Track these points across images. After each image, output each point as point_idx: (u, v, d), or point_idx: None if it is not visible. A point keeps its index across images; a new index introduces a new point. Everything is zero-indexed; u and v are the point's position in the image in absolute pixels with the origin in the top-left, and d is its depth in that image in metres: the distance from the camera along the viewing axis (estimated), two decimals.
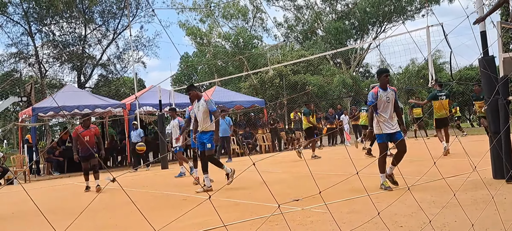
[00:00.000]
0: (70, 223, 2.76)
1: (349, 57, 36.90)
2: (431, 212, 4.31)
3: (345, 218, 4.52)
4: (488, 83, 6.24)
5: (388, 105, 6.10)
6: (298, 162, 11.53)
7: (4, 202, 8.24)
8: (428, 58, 9.06)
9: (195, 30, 36.94)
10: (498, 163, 6.09)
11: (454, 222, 4.02)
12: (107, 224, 5.34)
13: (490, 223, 3.85)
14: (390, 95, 6.13)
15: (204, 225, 4.64)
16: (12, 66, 29.76)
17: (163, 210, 5.97)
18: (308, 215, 4.83)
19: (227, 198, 6.27)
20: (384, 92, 6.14)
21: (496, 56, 6.35)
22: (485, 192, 5.25)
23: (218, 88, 20.87)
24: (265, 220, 4.61)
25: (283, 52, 35.13)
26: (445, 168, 7.45)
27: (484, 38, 6.24)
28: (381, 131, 6.07)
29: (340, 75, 30.86)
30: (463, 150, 4.76)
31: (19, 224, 5.94)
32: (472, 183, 5.82)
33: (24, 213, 6.70)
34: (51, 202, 7.79)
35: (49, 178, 13.74)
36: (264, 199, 5.85)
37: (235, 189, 7.05)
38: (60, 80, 31.14)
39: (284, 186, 7.31)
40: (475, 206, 4.63)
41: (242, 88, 28.94)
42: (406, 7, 36.37)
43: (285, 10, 40.22)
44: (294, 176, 9.01)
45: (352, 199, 5.47)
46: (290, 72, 29.02)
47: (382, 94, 6.11)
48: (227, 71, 33.64)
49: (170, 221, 4.39)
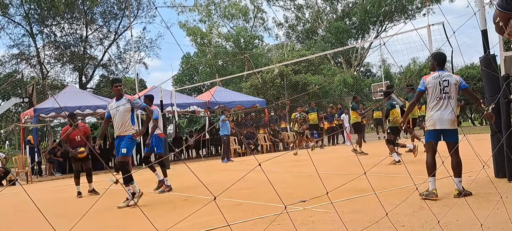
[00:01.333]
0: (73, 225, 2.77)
1: (350, 56, 36.89)
2: (434, 211, 4.31)
3: (347, 217, 4.52)
4: (489, 82, 6.23)
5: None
6: (299, 162, 11.53)
7: (6, 203, 8.26)
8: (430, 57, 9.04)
9: (195, 30, 36.98)
10: (500, 162, 6.09)
11: (456, 221, 4.01)
12: (109, 225, 5.35)
13: (493, 221, 3.84)
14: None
15: (207, 225, 4.64)
16: (14, 68, 29.86)
17: (166, 210, 5.98)
18: (310, 214, 4.83)
19: (230, 198, 6.27)
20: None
21: (498, 55, 6.34)
22: (487, 191, 5.24)
23: (219, 88, 20.88)
24: (271, 221, 4.61)
25: (284, 52, 35.14)
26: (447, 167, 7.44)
27: (486, 37, 6.23)
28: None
29: (341, 75, 30.86)
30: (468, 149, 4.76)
31: (22, 225, 5.95)
32: (475, 182, 5.81)
33: (27, 214, 6.72)
34: (53, 203, 7.80)
35: (51, 178, 13.76)
36: (267, 199, 5.85)
37: (238, 189, 7.05)
38: (61, 81, 31.22)
39: (285, 186, 7.31)
40: (477, 204, 4.63)
41: (243, 88, 28.95)
42: (406, 6, 36.34)
43: (285, 10, 40.24)
44: (295, 175, 9.02)
45: (353, 199, 5.47)
46: (291, 72, 29.03)
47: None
48: (228, 71, 33.66)
49: (172, 221, 4.40)
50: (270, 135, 19.04)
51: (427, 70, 29.64)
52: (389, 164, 8.96)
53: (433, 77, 5.29)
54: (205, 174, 11.13)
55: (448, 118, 5.18)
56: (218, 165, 13.76)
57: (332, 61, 37.23)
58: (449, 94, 5.20)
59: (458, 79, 5.32)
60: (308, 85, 28.46)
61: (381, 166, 8.55)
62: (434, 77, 5.27)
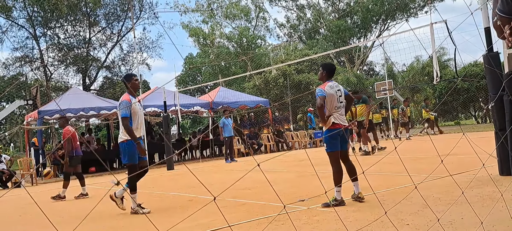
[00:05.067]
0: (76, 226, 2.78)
1: (352, 55, 36.83)
2: (437, 209, 4.30)
3: (351, 216, 4.52)
4: (493, 80, 6.21)
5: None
6: (302, 162, 11.54)
7: (12, 205, 8.30)
8: (433, 55, 9.03)
9: (198, 31, 37.03)
10: (505, 160, 6.07)
11: (461, 219, 4.00)
12: (113, 226, 5.37)
13: (497, 219, 3.83)
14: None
15: (210, 225, 4.65)
16: (18, 70, 30.00)
17: (169, 211, 5.99)
18: (314, 213, 4.83)
19: (233, 198, 6.28)
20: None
21: (501, 52, 6.32)
22: (491, 189, 5.23)
23: (223, 89, 20.90)
24: (271, 221, 4.62)
25: (287, 51, 35.11)
26: (450, 165, 7.43)
27: (489, 35, 6.21)
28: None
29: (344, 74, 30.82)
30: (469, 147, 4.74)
31: (27, 227, 5.99)
32: (479, 180, 5.80)
33: (32, 215, 6.75)
34: (58, 205, 7.84)
35: (55, 180, 13.81)
36: (270, 199, 5.85)
37: (241, 189, 7.06)
38: (65, 83, 31.33)
39: (288, 185, 7.32)
40: (481, 202, 4.61)
41: (246, 88, 28.97)
42: (409, 4, 36.23)
43: (287, 10, 40.23)
44: (298, 175, 9.02)
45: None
46: (294, 71, 29.01)
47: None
48: (231, 72, 33.68)
49: (176, 222, 4.41)
50: (274, 135, 19.05)
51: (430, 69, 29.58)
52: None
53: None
54: (209, 174, 11.15)
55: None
56: (222, 166, 13.79)
57: (335, 60, 37.17)
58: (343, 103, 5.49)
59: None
60: (311, 84, 28.43)
61: (382, 164, 8.53)
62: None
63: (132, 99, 5.86)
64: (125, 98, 5.85)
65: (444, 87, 30.06)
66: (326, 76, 5.54)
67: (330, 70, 5.59)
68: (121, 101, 5.84)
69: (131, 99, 5.85)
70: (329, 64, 5.77)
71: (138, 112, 5.92)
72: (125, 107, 5.70)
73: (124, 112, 5.69)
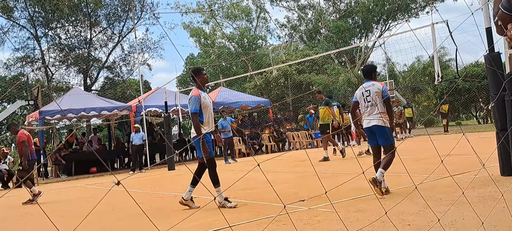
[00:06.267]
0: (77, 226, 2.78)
1: (353, 56, 36.80)
2: (439, 209, 4.29)
3: (352, 217, 4.51)
4: (494, 80, 6.20)
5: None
6: (302, 162, 11.52)
7: (13, 205, 8.31)
8: (434, 55, 9.02)
9: (199, 31, 37.05)
10: (506, 160, 6.06)
11: (462, 219, 4.00)
12: (114, 226, 5.37)
13: (498, 220, 3.82)
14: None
15: (211, 226, 4.65)
16: (19, 70, 30.05)
17: (170, 211, 5.99)
18: (315, 214, 4.82)
19: (235, 198, 6.27)
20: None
21: (502, 53, 6.31)
22: (492, 189, 5.22)
23: (224, 89, 20.90)
24: (271, 221, 4.61)
25: (288, 51, 35.11)
26: (452, 166, 7.42)
27: (490, 35, 6.20)
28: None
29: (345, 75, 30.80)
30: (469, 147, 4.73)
31: (28, 227, 5.99)
32: (480, 180, 5.78)
33: (33, 215, 6.76)
34: (59, 205, 7.84)
35: (57, 180, 13.83)
36: (271, 199, 5.85)
37: (241, 189, 7.06)
38: (66, 83, 31.36)
39: (289, 186, 7.31)
40: (483, 203, 4.60)
41: (247, 89, 28.97)
42: (410, 5, 36.19)
43: (289, 11, 40.21)
44: (299, 175, 9.01)
45: (358, 198, 5.46)
46: (295, 71, 29.01)
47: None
48: (232, 72, 33.69)
49: (176, 222, 4.41)
50: (274, 136, 19.04)
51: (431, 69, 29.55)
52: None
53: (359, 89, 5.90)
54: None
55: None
56: (222, 166, 13.78)
57: (336, 60, 37.15)
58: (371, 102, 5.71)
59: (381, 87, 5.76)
60: (312, 85, 28.44)
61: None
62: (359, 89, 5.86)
63: (201, 94, 5.73)
64: (194, 93, 5.70)
65: (445, 87, 30.06)
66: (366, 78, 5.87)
67: (363, 71, 5.92)
68: (190, 97, 5.73)
69: (200, 94, 5.71)
70: (366, 66, 6.09)
71: (209, 105, 5.80)
72: (194, 103, 5.62)
73: (193, 108, 5.61)
